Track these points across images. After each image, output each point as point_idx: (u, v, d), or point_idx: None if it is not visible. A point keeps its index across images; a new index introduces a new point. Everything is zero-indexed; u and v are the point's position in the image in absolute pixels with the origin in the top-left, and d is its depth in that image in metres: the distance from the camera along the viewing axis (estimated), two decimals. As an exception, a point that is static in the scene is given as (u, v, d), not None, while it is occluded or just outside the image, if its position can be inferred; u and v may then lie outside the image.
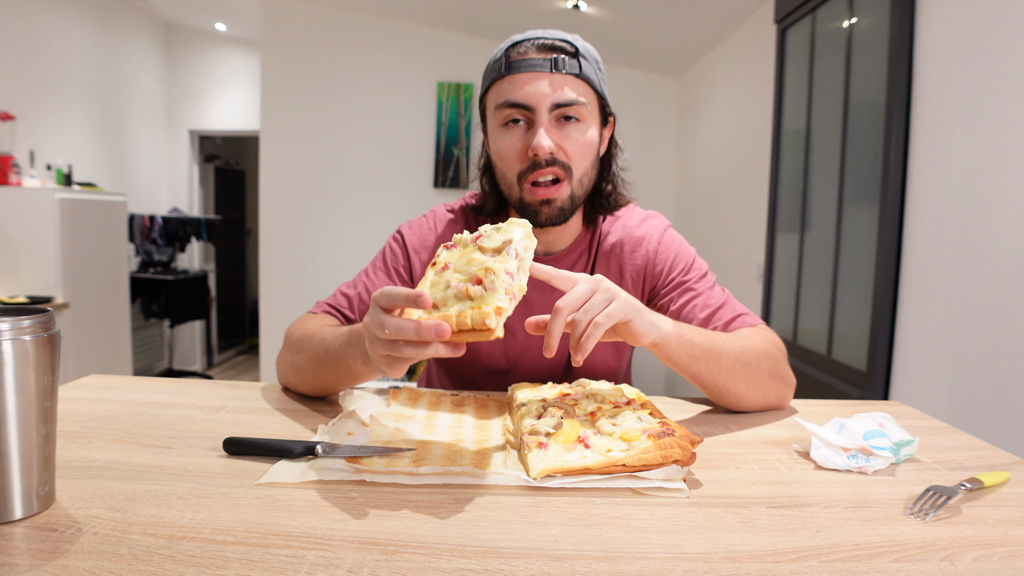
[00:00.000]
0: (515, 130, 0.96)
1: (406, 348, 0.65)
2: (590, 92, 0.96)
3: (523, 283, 0.70)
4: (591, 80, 0.96)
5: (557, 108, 0.93)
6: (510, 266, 0.68)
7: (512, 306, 0.66)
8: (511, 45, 0.96)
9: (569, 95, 0.93)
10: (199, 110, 5.64)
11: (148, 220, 4.97)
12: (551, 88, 0.93)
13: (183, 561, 0.50)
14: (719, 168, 3.76)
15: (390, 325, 0.64)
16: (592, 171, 1.00)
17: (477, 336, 0.63)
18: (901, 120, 1.95)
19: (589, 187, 1.01)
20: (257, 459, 0.71)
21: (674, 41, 3.95)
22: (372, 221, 4.53)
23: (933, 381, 1.80)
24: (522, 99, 0.93)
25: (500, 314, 0.63)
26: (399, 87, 4.51)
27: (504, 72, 0.94)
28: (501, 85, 0.95)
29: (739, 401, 0.94)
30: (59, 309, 3.55)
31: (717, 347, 0.88)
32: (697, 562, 0.52)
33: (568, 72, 0.93)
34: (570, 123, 0.95)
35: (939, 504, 0.63)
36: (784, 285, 2.81)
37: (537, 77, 0.93)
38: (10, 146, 3.73)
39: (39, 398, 0.55)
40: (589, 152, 0.97)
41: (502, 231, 0.72)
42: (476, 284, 0.65)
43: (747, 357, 0.91)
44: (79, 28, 4.40)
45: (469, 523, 0.58)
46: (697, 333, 0.88)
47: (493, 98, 0.97)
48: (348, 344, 0.83)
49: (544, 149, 0.92)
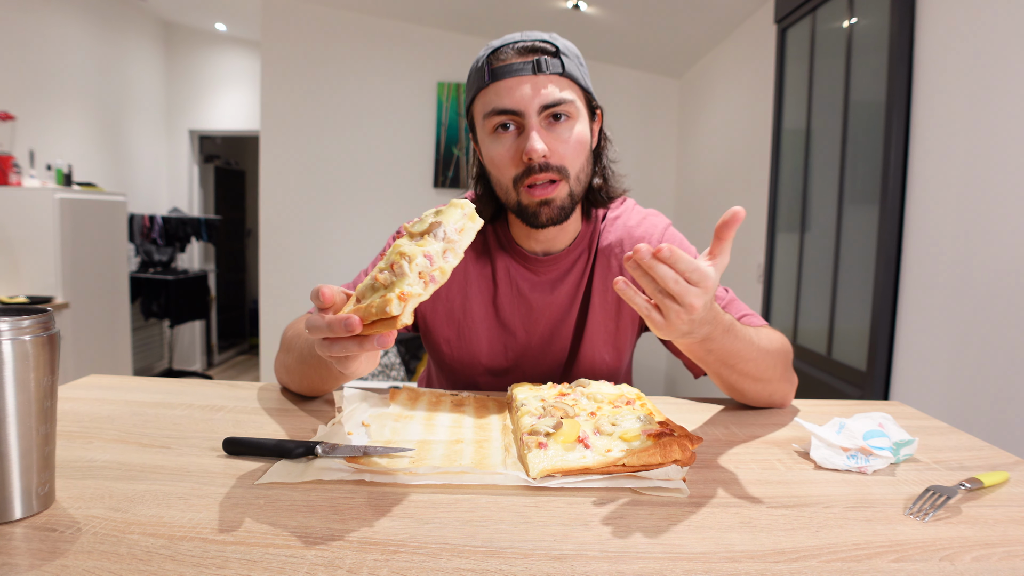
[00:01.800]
0: (506, 136, 0.95)
1: (333, 346, 0.63)
2: (575, 88, 0.96)
3: (445, 266, 0.65)
4: (575, 76, 0.96)
5: (546, 109, 0.93)
6: (432, 249, 0.65)
7: (429, 291, 0.63)
8: (491, 52, 0.96)
9: (555, 95, 0.93)
10: (199, 110, 5.64)
11: (148, 220, 4.97)
12: (537, 90, 0.92)
13: (183, 561, 0.50)
14: (719, 168, 3.76)
15: (309, 323, 0.63)
16: (588, 167, 1.00)
17: (386, 325, 0.60)
18: (901, 120, 1.95)
19: (586, 183, 1.01)
20: (257, 459, 0.71)
21: (674, 41, 3.95)
22: (372, 221, 4.53)
23: (933, 381, 1.80)
24: (509, 105, 0.93)
25: (407, 299, 0.60)
26: (399, 87, 4.51)
27: (488, 80, 0.94)
28: (487, 94, 0.95)
29: (744, 397, 0.94)
30: (59, 309, 3.55)
31: (750, 339, 0.86)
32: (697, 562, 0.52)
33: (551, 72, 0.93)
34: (560, 122, 0.94)
35: (939, 504, 0.63)
36: (784, 285, 2.81)
37: (521, 81, 0.92)
38: (10, 146, 3.73)
39: (39, 398, 0.55)
40: (582, 149, 0.97)
41: (439, 214, 0.68)
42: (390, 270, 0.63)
43: (769, 355, 0.91)
44: (79, 28, 4.40)
45: (469, 523, 0.58)
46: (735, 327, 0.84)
47: (480, 107, 0.97)
48: None
49: (538, 152, 0.92)
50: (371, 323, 0.61)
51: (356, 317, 0.60)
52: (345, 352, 0.63)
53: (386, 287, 0.62)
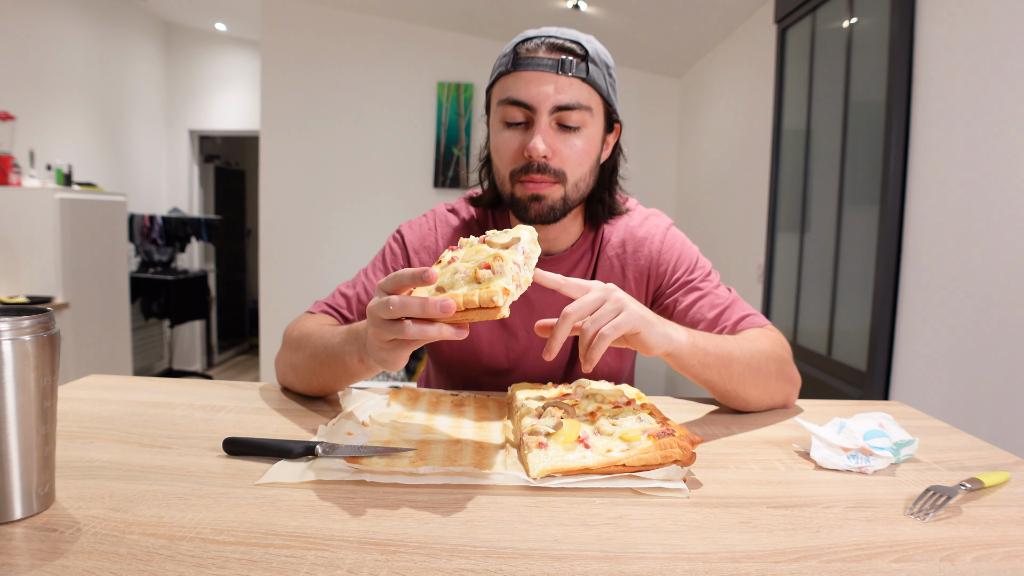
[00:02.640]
0: (515, 128, 0.95)
1: (411, 327, 0.65)
2: (595, 97, 0.95)
3: (528, 276, 0.72)
4: (597, 84, 0.94)
5: (558, 111, 0.92)
6: (517, 258, 0.70)
7: (518, 293, 0.68)
8: (522, 40, 0.95)
9: (572, 98, 0.92)
10: (199, 110, 5.64)
11: (148, 220, 4.97)
12: (555, 90, 0.91)
13: (183, 561, 0.49)
14: (719, 168, 3.76)
15: (395, 302, 0.64)
16: (590, 177, 0.99)
17: (483, 315, 0.64)
18: (901, 120, 1.95)
19: (586, 192, 1.00)
20: (257, 459, 0.71)
21: (674, 41, 3.95)
22: (372, 221, 4.53)
23: (933, 381, 1.80)
24: (524, 98, 0.93)
25: (507, 295, 0.64)
26: (399, 87, 4.51)
27: (511, 68, 0.94)
28: (507, 80, 0.95)
29: (747, 403, 0.94)
30: (59, 309, 3.54)
31: (728, 353, 0.88)
32: (697, 562, 0.52)
33: (574, 75, 0.92)
34: (570, 126, 0.94)
35: (939, 504, 0.63)
36: (784, 285, 2.81)
37: (542, 77, 0.92)
38: (10, 146, 3.73)
39: (39, 398, 0.55)
40: (586, 158, 0.96)
41: (509, 233, 0.75)
42: (484, 268, 0.67)
43: (757, 361, 0.91)
44: (79, 28, 4.41)
45: (469, 523, 0.58)
46: (709, 341, 0.88)
47: (498, 92, 0.97)
48: (345, 342, 0.83)
49: (538, 151, 0.91)
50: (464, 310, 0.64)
51: (453, 301, 0.63)
52: (421, 335, 0.65)
53: (481, 281, 0.66)
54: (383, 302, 0.66)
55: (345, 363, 0.84)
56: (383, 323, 0.67)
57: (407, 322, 0.65)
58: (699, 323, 1.01)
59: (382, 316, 0.66)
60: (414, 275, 0.65)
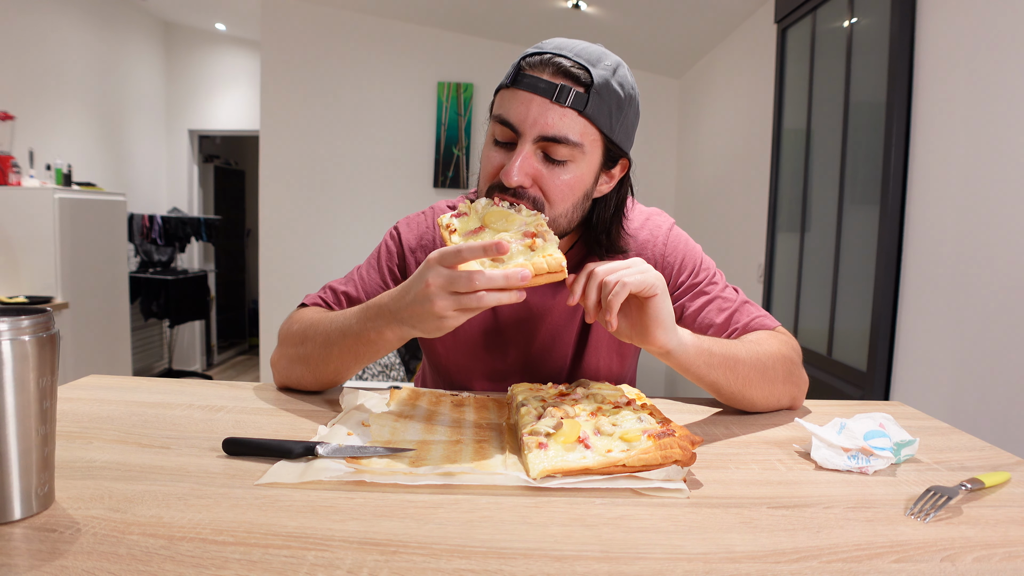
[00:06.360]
0: (501, 147, 0.90)
1: (488, 296, 0.71)
2: (591, 132, 0.86)
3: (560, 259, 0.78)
4: (596, 119, 0.86)
5: (543, 141, 0.85)
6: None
7: None
8: (531, 54, 0.88)
9: (560, 131, 0.84)
10: (199, 110, 5.64)
11: (148, 220, 4.96)
12: (544, 118, 0.84)
13: (182, 562, 0.49)
14: (719, 168, 3.76)
15: (480, 278, 0.70)
16: (574, 213, 0.91)
17: (550, 278, 0.75)
18: (901, 120, 1.95)
19: (568, 228, 0.93)
20: (257, 459, 0.71)
21: (674, 41, 3.95)
22: (372, 221, 4.53)
23: (934, 381, 1.80)
24: (512, 119, 0.86)
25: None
26: (399, 87, 4.51)
27: (510, 82, 0.88)
28: (504, 95, 0.89)
29: (753, 405, 0.94)
30: (59, 309, 3.54)
31: (735, 355, 0.88)
32: (697, 563, 0.52)
33: (570, 106, 0.84)
34: (554, 158, 0.86)
35: (940, 504, 0.63)
36: (784, 285, 2.81)
37: (534, 101, 0.84)
38: (10, 146, 3.72)
39: (38, 398, 0.55)
40: (570, 194, 0.89)
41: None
42: (531, 237, 0.77)
43: (763, 363, 0.90)
44: (79, 28, 4.40)
45: (469, 523, 0.58)
46: (714, 342, 0.87)
47: (496, 104, 0.92)
48: (366, 319, 0.85)
49: (511, 179, 0.85)
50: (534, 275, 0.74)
51: (528, 270, 0.72)
52: (497, 303, 0.72)
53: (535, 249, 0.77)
54: (463, 275, 0.70)
55: (369, 339, 0.86)
56: (453, 296, 0.72)
57: (483, 292, 0.71)
58: (708, 328, 0.99)
59: (461, 289, 0.71)
60: (486, 248, 0.71)
